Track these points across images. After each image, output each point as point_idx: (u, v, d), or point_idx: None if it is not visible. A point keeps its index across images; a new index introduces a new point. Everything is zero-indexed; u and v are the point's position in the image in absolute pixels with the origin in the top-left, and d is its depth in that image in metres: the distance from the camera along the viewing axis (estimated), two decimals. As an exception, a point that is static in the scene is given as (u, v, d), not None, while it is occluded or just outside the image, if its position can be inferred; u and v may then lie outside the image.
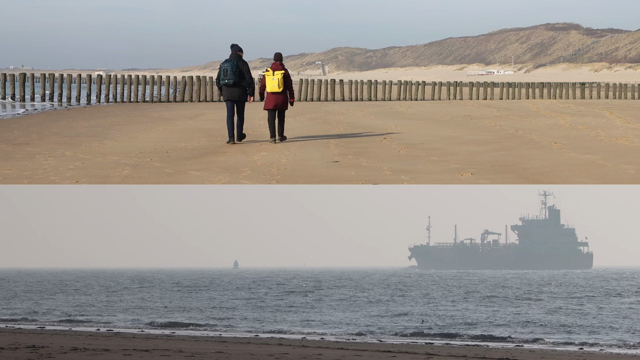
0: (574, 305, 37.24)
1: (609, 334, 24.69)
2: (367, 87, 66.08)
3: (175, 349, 17.19)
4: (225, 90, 23.74)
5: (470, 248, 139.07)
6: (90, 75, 71.59)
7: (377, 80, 72.46)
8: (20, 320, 29.25)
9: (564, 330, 25.73)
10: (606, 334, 24.91)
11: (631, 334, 24.68)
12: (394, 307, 35.70)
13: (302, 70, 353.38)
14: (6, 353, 15.37)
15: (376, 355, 17.08)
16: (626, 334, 24.69)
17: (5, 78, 57.12)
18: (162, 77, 61.10)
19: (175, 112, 43.76)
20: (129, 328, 26.23)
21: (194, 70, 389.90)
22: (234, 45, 23.73)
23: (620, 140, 25.24)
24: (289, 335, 24.08)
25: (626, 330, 25.81)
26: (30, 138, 27.12)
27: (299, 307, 35.67)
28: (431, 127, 31.96)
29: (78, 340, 19.47)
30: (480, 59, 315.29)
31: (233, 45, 23.72)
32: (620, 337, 23.91)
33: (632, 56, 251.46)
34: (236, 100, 23.80)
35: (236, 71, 23.45)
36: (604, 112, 41.35)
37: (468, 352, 18.21)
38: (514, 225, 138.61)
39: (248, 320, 29.27)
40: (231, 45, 23.71)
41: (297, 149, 23.60)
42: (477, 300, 40.99)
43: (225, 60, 23.68)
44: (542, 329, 26.00)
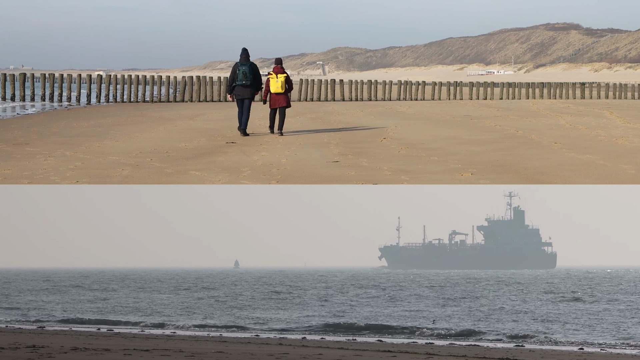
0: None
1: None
2: (367, 87, 66.07)
3: (176, 349, 17.20)
4: (239, 89, 26.61)
5: (439, 248, 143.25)
6: (90, 75, 71.65)
7: (377, 80, 72.44)
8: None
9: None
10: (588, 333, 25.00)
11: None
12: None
13: (302, 70, 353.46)
14: (6, 353, 15.38)
15: (376, 355, 17.09)
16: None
17: (5, 78, 57.11)
18: (162, 77, 61.10)
19: (175, 112, 43.77)
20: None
21: (194, 70, 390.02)
22: (245, 49, 26.38)
23: (620, 140, 25.25)
24: (288, 334, 24.09)
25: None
26: (30, 138, 27.13)
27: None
28: (431, 127, 31.97)
29: (78, 340, 19.48)
30: (480, 59, 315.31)
31: (244, 49, 26.37)
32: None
33: (632, 56, 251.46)
34: (248, 97, 26.69)
35: (252, 74, 26.36)
36: (604, 112, 41.36)
37: (468, 352, 18.22)
38: (479, 225, 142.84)
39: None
40: (242, 50, 26.34)
41: (297, 149, 23.62)
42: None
43: (241, 63, 26.33)
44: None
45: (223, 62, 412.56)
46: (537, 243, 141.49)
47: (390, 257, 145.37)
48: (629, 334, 24.95)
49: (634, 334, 24.76)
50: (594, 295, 46.46)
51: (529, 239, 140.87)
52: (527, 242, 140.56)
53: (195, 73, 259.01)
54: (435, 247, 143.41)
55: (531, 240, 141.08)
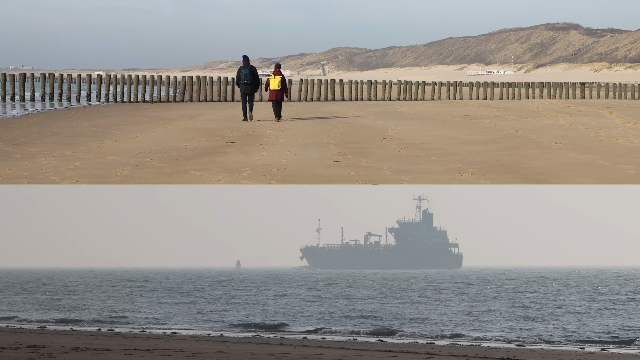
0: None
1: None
2: (367, 87, 66.07)
3: (176, 349, 17.20)
4: (243, 87, 34.05)
5: (355, 249, 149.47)
6: (90, 75, 71.66)
7: (377, 80, 72.46)
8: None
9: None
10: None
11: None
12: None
13: (302, 70, 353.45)
14: (7, 352, 15.38)
15: (377, 355, 17.10)
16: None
17: (5, 78, 57.12)
18: (162, 77, 61.11)
19: (175, 112, 43.78)
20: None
21: (194, 70, 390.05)
22: (245, 56, 34.42)
23: (620, 140, 25.26)
24: (288, 335, 24.10)
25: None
26: (30, 138, 27.13)
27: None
28: (431, 127, 31.97)
29: (79, 340, 19.48)
30: (480, 59, 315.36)
31: (245, 56, 34.38)
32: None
33: (632, 56, 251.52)
34: (249, 93, 34.25)
35: (251, 75, 34.01)
36: (604, 112, 41.37)
37: (469, 352, 18.22)
38: (391, 227, 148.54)
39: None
40: (243, 56, 34.38)
41: (297, 149, 23.63)
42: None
43: (243, 67, 34.13)
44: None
45: (223, 62, 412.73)
46: (444, 244, 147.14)
47: (310, 258, 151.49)
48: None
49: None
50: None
51: (436, 240, 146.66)
52: (435, 243, 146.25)
53: (195, 73, 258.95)
54: (352, 247, 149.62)
55: (439, 242, 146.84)
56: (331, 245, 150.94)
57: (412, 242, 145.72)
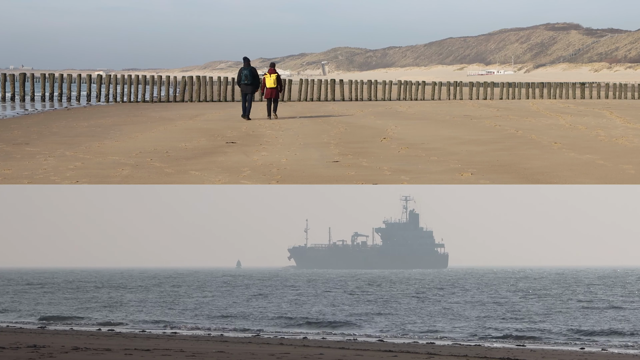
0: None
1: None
2: (367, 87, 66.07)
3: (177, 349, 17.20)
4: (244, 87, 35.22)
5: (342, 249, 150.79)
6: (90, 75, 71.70)
7: (377, 80, 72.45)
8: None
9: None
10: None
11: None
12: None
13: (302, 70, 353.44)
14: (7, 352, 15.38)
15: (377, 355, 17.09)
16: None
17: (5, 78, 57.11)
18: (162, 77, 61.10)
19: (175, 112, 43.78)
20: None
21: (194, 70, 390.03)
22: (246, 58, 35.68)
23: (620, 140, 25.26)
24: (288, 335, 24.10)
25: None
26: (30, 138, 27.13)
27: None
28: (431, 127, 31.98)
29: (79, 339, 19.48)
30: (480, 59, 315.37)
31: (245, 58, 35.64)
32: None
33: (632, 56, 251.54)
34: (249, 92, 35.33)
35: (251, 76, 35.12)
36: (604, 112, 41.37)
37: (469, 352, 18.22)
38: (377, 227, 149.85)
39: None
40: (244, 58, 35.57)
41: (297, 149, 23.63)
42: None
43: (243, 68, 35.27)
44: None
45: (223, 62, 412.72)
46: (430, 244, 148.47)
47: (298, 258, 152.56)
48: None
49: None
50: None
51: (422, 241, 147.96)
52: (421, 243, 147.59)
53: (195, 73, 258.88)
54: (339, 247, 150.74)
55: (425, 242, 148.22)
56: (319, 246, 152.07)
57: (398, 243, 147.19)
